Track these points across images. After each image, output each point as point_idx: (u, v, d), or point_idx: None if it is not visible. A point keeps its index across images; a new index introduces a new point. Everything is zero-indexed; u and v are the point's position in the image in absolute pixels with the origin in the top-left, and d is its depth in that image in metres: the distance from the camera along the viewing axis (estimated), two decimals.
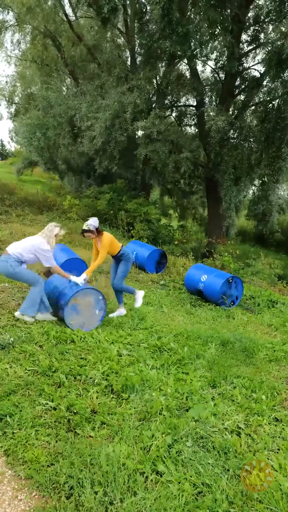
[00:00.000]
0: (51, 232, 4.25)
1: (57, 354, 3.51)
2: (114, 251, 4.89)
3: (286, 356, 4.20)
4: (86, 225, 4.64)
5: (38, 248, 4.14)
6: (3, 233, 9.23)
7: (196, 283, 6.42)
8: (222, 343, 4.27)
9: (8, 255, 4.12)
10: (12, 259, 4.08)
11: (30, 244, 4.17)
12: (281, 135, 10.45)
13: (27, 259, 4.17)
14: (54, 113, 12.86)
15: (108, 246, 4.69)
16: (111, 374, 3.26)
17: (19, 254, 4.13)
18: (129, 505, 1.97)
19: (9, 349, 3.52)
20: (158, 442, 2.45)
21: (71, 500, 2.00)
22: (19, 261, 4.14)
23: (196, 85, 11.49)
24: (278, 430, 2.79)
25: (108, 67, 13.12)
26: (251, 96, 11.85)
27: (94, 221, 4.69)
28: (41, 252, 4.14)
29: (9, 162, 35.30)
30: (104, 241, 4.68)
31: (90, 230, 4.63)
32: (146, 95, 11.24)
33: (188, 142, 11.56)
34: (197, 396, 3.07)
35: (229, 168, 11.09)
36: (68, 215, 13.02)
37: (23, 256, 4.14)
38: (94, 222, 4.67)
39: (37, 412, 2.66)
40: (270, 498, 2.10)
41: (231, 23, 9.89)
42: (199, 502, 2.04)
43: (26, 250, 4.14)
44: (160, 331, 4.60)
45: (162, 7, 8.64)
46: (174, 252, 10.69)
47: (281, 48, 8.30)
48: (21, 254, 4.13)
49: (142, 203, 12.56)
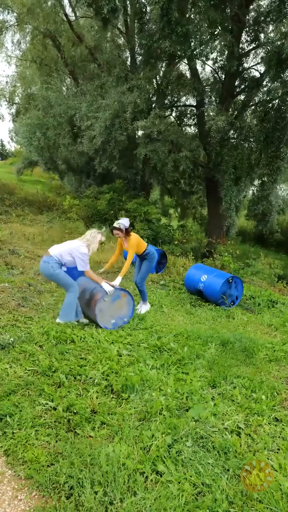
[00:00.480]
0: (94, 239, 4.44)
1: (57, 354, 3.51)
2: (140, 250, 5.15)
3: (286, 356, 4.20)
4: (117, 224, 4.88)
5: (76, 250, 4.29)
6: (3, 233, 9.23)
7: (196, 283, 6.42)
8: (222, 343, 4.27)
9: (50, 256, 4.28)
10: (53, 261, 4.25)
11: (70, 247, 4.33)
12: (280, 135, 10.45)
13: (66, 261, 4.33)
14: (54, 113, 12.86)
15: (135, 246, 4.96)
16: (111, 374, 3.26)
17: (60, 255, 4.29)
18: (129, 505, 1.97)
19: (9, 349, 3.52)
20: (158, 442, 2.45)
21: (71, 500, 2.00)
22: (59, 263, 4.30)
23: (196, 85, 11.49)
24: (278, 430, 2.79)
25: (108, 67, 13.12)
26: (251, 96, 11.85)
27: (126, 221, 4.92)
28: (78, 255, 4.28)
29: (9, 162, 35.31)
30: (132, 241, 4.93)
31: (120, 228, 4.86)
32: (146, 95, 11.24)
33: (188, 142, 11.56)
34: (197, 396, 3.07)
35: (229, 168, 11.09)
36: (68, 215, 13.02)
37: (63, 258, 4.30)
38: (125, 222, 4.90)
39: (37, 412, 2.66)
40: (270, 498, 2.10)
41: (231, 23, 9.88)
42: (199, 502, 2.04)
43: (65, 252, 4.30)
44: (160, 331, 4.60)
45: (161, 7, 8.64)
46: (174, 252, 10.69)
47: (281, 48, 8.30)
48: (61, 256, 4.29)
49: (142, 203, 12.55)
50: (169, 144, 11.27)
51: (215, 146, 10.91)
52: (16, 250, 7.67)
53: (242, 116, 11.77)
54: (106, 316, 4.44)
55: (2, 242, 8.15)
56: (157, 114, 10.74)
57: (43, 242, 9.24)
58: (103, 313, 4.40)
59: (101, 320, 4.39)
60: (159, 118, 10.81)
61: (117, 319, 4.58)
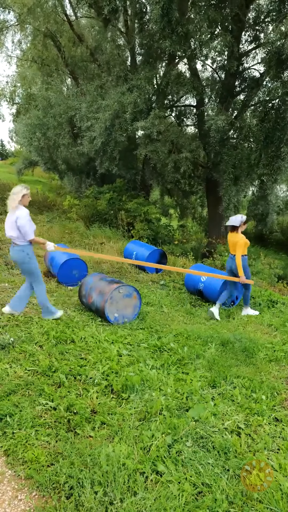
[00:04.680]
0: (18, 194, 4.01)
1: (57, 354, 3.51)
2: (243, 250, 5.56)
3: (286, 356, 4.20)
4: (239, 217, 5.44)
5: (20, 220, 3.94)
6: (3, 233, 9.22)
7: (196, 283, 6.42)
8: (222, 343, 4.27)
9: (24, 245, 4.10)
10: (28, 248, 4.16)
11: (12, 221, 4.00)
12: (281, 135, 10.43)
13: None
14: (54, 113, 12.86)
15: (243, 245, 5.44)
16: (111, 374, 3.26)
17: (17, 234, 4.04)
18: (129, 505, 1.97)
19: (9, 349, 3.52)
20: (158, 442, 2.45)
21: (71, 500, 2.00)
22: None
23: (196, 85, 11.48)
24: (278, 430, 2.79)
25: (108, 67, 13.11)
26: (251, 96, 11.84)
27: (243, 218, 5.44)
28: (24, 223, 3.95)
29: (9, 162, 35.32)
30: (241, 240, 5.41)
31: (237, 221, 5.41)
32: (146, 95, 11.23)
33: (188, 142, 11.55)
34: (197, 396, 3.07)
35: (228, 168, 11.07)
36: (68, 215, 13.02)
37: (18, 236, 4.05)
38: (242, 218, 5.42)
39: (37, 412, 2.67)
40: (270, 498, 2.10)
41: (231, 23, 9.88)
42: (199, 502, 2.04)
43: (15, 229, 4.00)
44: (160, 331, 4.60)
45: (162, 7, 8.63)
46: (174, 252, 10.68)
47: (281, 48, 8.29)
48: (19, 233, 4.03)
49: (142, 203, 12.54)
50: (169, 145, 11.25)
51: (215, 146, 10.89)
52: None
53: (242, 116, 11.76)
54: (113, 306, 4.59)
55: (2, 242, 8.15)
56: (157, 114, 10.73)
57: None
58: (112, 301, 4.56)
59: (109, 307, 4.53)
60: (159, 119, 10.79)
61: (120, 316, 4.68)
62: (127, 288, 4.71)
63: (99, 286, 4.80)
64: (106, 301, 4.50)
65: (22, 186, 4.08)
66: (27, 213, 4.01)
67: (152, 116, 10.57)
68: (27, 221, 3.99)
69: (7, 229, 4.07)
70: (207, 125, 10.17)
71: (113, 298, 4.56)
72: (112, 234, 10.96)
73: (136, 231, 11.42)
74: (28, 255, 4.13)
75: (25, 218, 3.96)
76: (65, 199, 14.53)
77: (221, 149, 10.98)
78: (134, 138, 12.68)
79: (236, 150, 11.25)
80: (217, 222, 13.13)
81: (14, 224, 3.98)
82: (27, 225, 3.98)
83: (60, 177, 23.39)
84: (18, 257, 4.13)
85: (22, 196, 4.00)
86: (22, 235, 4.03)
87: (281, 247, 20.38)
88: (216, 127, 9.67)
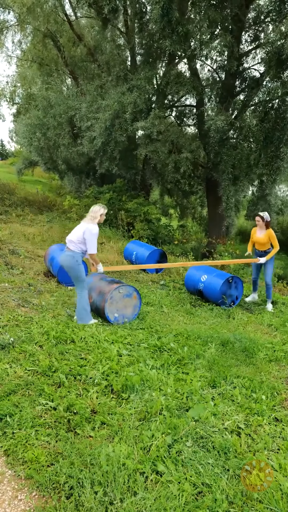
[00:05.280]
0: (97, 213, 4.46)
1: (57, 354, 3.51)
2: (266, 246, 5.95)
3: (286, 356, 4.20)
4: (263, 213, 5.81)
5: (89, 231, 4.31)
6: (3, 233, 9.23)
7: (196, 283, 6.42)
8: (222, 343, 4.27)
9: (75, 251, 4.38)
10: (79, 255, 4.40)
11: (82, 230, 4.36)
12: (280, 135, 10.43)
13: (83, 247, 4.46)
14: (54, 113, 12.85)
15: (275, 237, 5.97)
16: (111, 374, 3.26)
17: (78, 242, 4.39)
18: (129, 505, 1.97)
19: (9, 349, 3.52)
20: (158, 442, 2.45)
21: (71, 500, 2.00)
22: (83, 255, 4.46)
23: (196, 85, 11.48)
24: (278, 430, 2.79)
25: (108, 67, 13.11)
26: (251, 96, 11.84)
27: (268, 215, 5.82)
28: (90, 237, 4.32)
29: (9, 162, 35.32)
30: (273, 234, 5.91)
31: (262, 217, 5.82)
32: (146, 95, 11.22)
33: (188, 142, 11.55)
34: (197, 396, 3.07)
35: (227, 167, 11.08)
36: (68, 215, 13.02)
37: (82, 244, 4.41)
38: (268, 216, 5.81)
39: (37, 412, 2.66)
40: (270, 498, 2.10)
41: (231, 23, 9.88)
42: (199, 502, 2.04)
43: (81, 237, 4.35)
44: (160, 331, 4.60)
45: (162, 7, 8.63)
46: (174, 252, 10.68)
47: (281, 48, 8.29)
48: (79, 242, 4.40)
49: (142, 203, 12.54)
50: (169, 145, 11.25)
51: (214, 146, 10.89)
52: (16, 250, 7.67)
53: (241, 116, 11.76)
54: (113, 306, 4.61)
55: (2, 242, 8.15)
56: (157, 114, 10.73)
57: (43, 242, 9.23)
58: (112, 301, 4.58)
59: (108, 307, 4.56)
60: (159, 119, 10.79)
61: (120, 316, 4.70)
62: (127, 288, 4.72)
63: (99, 286, 4.81)
64: (106, 301, 4.52)
65: (101, 206, 4.53)
66: (97, 230, 4.40)
67: (152, 116, 10.57)
68: (94, 236, 4.36)
69: (72, 233, 4.46)
70: (207, 125, 10.18)
71: (113, 298, 4.58)
72: (112, 234, 10.97)
73: (136, 231, 11.42)
74: (77, 261, 4.39)
75: (93, 234, 4.35)
76: (65, 199, 14.53)
77: (220, 149, 10.98)
78: (134, 138, 12.68)
79: (235, 150, 11.26)
80: (217, 222, 13.12)
81: (80, 233, 4.36)
82: (94, 240, 4.36)
83: (60, 177, 23.40)
84: (68, 262, 4.40)
85: (100, 215, 4.48)
86: (86, 247, 4.40)
87: (281, 247, 20.37)
88: (216, 127, 9.68)
